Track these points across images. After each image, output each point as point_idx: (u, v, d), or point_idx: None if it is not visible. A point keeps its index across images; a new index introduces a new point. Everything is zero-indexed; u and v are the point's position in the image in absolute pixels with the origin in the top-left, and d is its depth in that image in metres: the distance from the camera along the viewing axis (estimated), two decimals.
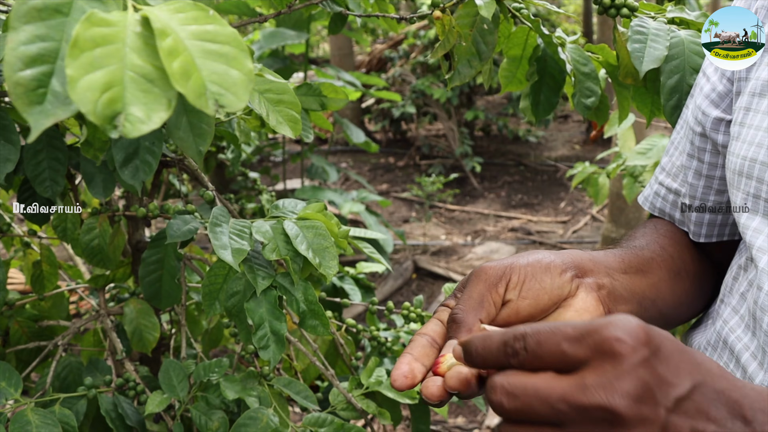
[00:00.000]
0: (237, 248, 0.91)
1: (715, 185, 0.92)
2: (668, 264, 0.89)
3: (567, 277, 0.76)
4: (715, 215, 0.93)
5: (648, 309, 0.84)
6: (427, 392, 0.64)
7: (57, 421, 1.08)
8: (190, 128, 0.53)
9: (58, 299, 1.47)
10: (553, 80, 1.33)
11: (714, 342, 0.84)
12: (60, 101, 0.47)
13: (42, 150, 1.21)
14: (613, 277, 0.80)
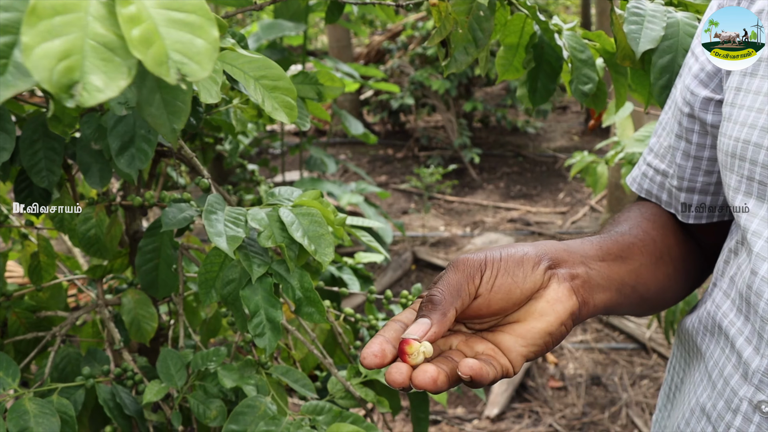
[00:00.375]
0: (232, 235, 0.91)
1: (703, 166, 0.91)
2: (650, 249, 0.90)
3: (540, 270, 0.76)
4: (704, 196, 0.93)
5: (628, 295, 0.85)
6: (391, 378, 0.66)
7: (55, 411, 1.08)
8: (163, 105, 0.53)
9: (56, 290, 1.46)
10: (550, 67, 1.33)
11: (710, 326, 0.84)
12: (22, 72, 0.46)
13: (38, 140, 1.21)
14: (589, 265, 0.80)
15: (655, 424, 1.01)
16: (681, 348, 0.94)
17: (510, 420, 3.43)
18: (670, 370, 0.98)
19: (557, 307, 0.75)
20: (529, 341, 0.73)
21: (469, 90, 7.67)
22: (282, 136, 4.61)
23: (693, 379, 0.87)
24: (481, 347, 0.73)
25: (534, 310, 0.75)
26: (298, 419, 1.07)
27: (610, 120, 2.05)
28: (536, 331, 0.74)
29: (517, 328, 0.74)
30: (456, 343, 0.74)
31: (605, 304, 0.81)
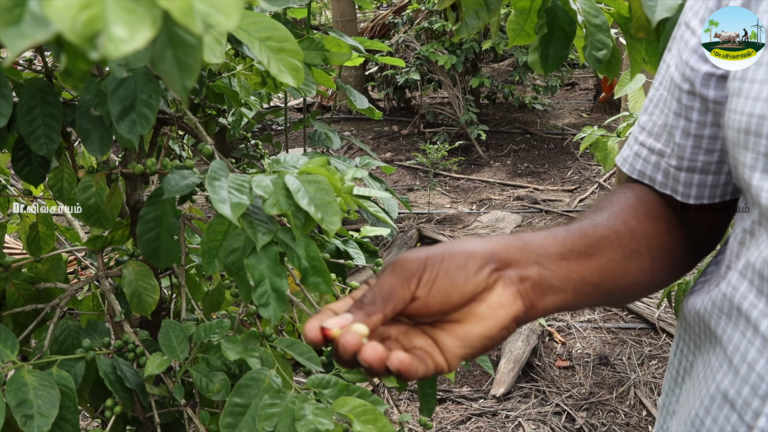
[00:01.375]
0: (236, 202, 0.87)
1: (704, 145, 0.87)
2: (625, 241, 0.86)
3: (484, 273, 0.74)
4: (705, 176, 0.89)
5: (588, 294, 0.81)
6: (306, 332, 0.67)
7: (54, 383, 1.05)
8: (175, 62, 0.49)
9: (55, 262, 1.43)
10: (563, 33, 1.29)
11: (727, 309, 0.79)
12: (38, 22, 0.43)
13: (36, 106, 1.17)
14: (544, 265, 0.77)
15: (663, 409, 0.97)
16: (689, 331, 0.90)
17: (516, 399, 3.41)
18: (677, 354, 0.94)
19: (498, 312, 0.73)
20: (466, 343, 0.71)
21: (476, 65, 7.60)
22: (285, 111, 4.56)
23: (708, 365, 0.82)
24: (419, 341, 0.72)
25: (475, 314, 0.73)
26: (304, 393, 1.04)
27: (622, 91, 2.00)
28: (474, 334, 0.72)
29: (456, 329, 0.72)
30: (396, 333, 0.73)
31: (557, 305, 0.78)
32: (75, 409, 1.10)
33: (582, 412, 3.32)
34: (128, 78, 1.04)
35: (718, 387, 0.78)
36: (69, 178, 1.27)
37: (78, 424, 1.11)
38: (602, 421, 3.24)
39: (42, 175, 1.27)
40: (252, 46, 0.89)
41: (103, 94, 1.12)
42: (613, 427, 3.21)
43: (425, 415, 1.40)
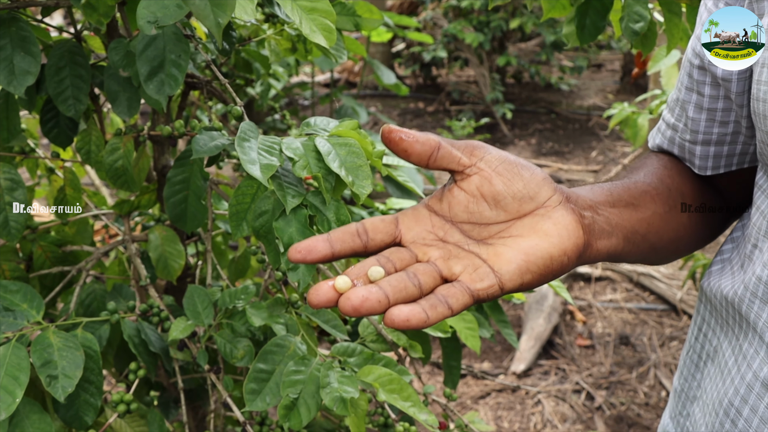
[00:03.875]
0: (266, 164, 0.86)
1: (717, 117, 0.86)
2: (664, 197, 0.84)
3: (550, 185, 0.70)
4: (721, 147, 0.88)
5: (637, 243, 0.79)
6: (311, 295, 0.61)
7: (79, 345, 1.05)
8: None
9: (82, 225, 1.43)
10: (600, 3, 1.26)
11: (761, 294, 0.76)
12: None
13: (64, 67, 1.17)
14: (597, 210, 0.74)
15: (681, 393, 0.94)
16: (715, 315, 0.87)
17: (536, 376, 3.40)
18: (699, 337, 0.91)
19: (563, 232, 0.68)
20: (529, 258, 0.66)
21: (503, 44, 7.53)
22: (312, 85, 4.55)
23: (740, 351, 0.79)
24: (459, 266, 0.65)
25: (540, 228, 0.67)
26: (329, 360, 1.03)
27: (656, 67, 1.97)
28: (539, 249, 0.66)
29: (520, 242, 0.66)
30: (437, 256, 0.66)
31: (608, 250, 0.74)
32: (99, 372, 1.09)
33: (601, 391, 3.31)
34: (157, 37, 1.02)
35: (756, 375, 0.75)
36: (97, 141, 1.26)
37: (102, 386, 1.11)
38: (621, 401, 3.23)
39: (70, 137, 1.27)
40: (284, 4, 0.87)
41: (131, 55, 1.11)
42: (632, 407, 3.19)
43: (449, 387, 1.39)
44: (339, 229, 0.65)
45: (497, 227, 0.68)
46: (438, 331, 1.23)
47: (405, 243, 0.67)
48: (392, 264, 0.65)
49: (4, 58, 1.05)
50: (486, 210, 0.68)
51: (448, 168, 0.68)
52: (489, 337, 1.40)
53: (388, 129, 0.66)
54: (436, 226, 0.68)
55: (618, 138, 6.85)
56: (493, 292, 0.64)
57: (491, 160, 0.68)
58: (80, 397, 1.08)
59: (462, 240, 0.68)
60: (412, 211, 0.69)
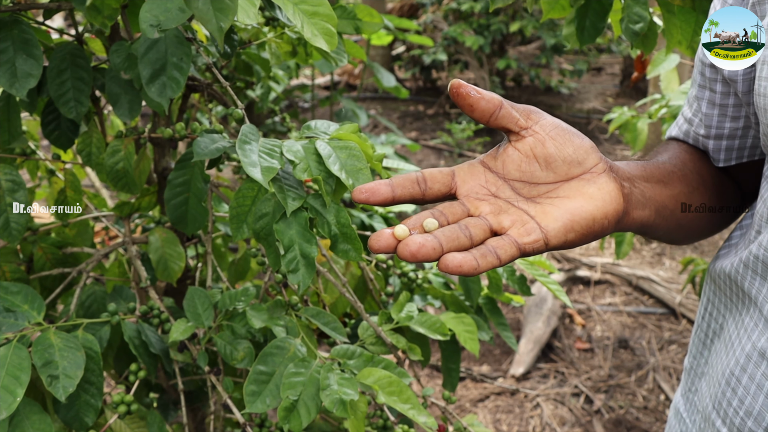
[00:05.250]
0: (267, 166, 0.87)
1: (729, 113, 0.91)
2: (688, 179, 0.89)
3: (596, 153, 0.74)
4: (732, 141, 0.93)
5: (667, 218, 0.83)
6: (372, 240, 0.65)
7: (80, 345, 1.05)
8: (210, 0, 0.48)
9: (82, 227, 1.44)
10: (600, 4, 1.27)
11: (761, 270, 0.81)
12: None
13: (66, 69, 1.17)
14: (633, 182, 0.78)
15: (690, 371, 0.99)
16: (719, 294, 0.92)
17: (535, 380, 3.40)
18: (705, 317, 0.96)
19: (606, 197, 0.72)
20: (575, 217, 0.70)
21: (503, 48, 7.54)
22: (312, 87, 4.55)
23: (742, 325, 0.84)
24: (508, 220, 0.70)
25: (585, 192, 0.71)
26: (328, 363, 1.04)
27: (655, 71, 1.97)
28: (583, 210, 0.70)
29: (566, 203, 0.71)
30: (488, 210, 0.70)
31: (642, 220, 0.78)
32: (100, 373, 1.10)
33: (600, 394, 3.31)
34: (159, 41, 1.03)
35: (754, 345, 0.79)
36: (98, 143, 1.26)
37: (102, 387, 1.11)
38: (620, 404, 3.23)
39: (71, 139, 1.27)
40: (286, 8, 0.88)
41: (133, 58, 1.11)
42: (631, 410, 3.19)
43: (448, 390, 1.39)
44: (400, 176, 0.69)
45: (546, 187, 0.72)
46: (437, 334, 1.24)
47: (459, 195, 0.71)
48: (445, 217, 0.69)
49: (6, 60, 1.06)
50: (537, 170, 0.72)
51: (506, 127, 0.72)
52: (488, 340, 1.40)
53: (457, 83, 0.69)
54: (489, 182, 0.72)
55: (618, 141, 6.85)
56: (539, 246, 0.68)
57: (546, 124, 0.72)
58: (81, 398, 1.09)
59: (512, 196, 0.72)
60: (468, 165, 0.73)
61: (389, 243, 0.64)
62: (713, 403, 0.86)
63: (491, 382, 3.34)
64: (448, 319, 1.29)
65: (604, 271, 4.29)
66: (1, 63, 1.05)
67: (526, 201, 0.71)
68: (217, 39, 0.46)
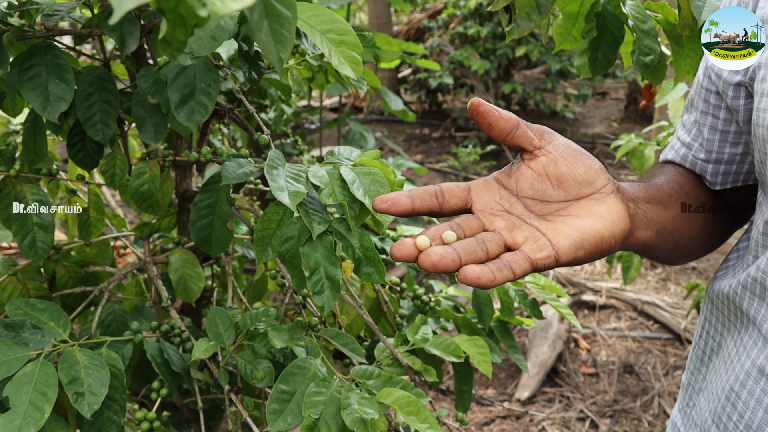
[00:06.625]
0: (294, 191, 0.89)
1: (729, 138, 0.94)
2: (684, 200, 0.92)
3: (605, 174, 0.77)
4: (730, 165, 0.97)
5: (666, 239, 0.86)
6: (394, 249, 0.68)
7: (104, 363, 1.07)
8: (271, 33, 0.51)
9: (103, 246, 1.46)
10: (612, 37, 1.30)
11: (759, 291, 0.84)
12: None
13: (94, 93, 1.20)
14: (638, 204, 0.81)
15: (688, 387, 1.02)
16: (716, 313, 0.96)
17: (540, 404, 3.41)
18: (702, 336, 1.00)
19: (614, 217, 0.75)
20: (584, 235, 0.73)
21: (509, 72, 7.59)
22: (320, 109, 4.59)
23: (741, 343, 0.87)
24: (522, 236, 0.73)
25: (594, 211, 0.75)
26: (348, 383, 1.06)
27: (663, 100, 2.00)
28: (592, 229, 0.73)
29: (576, 221, 0.74)
30: (502, 226, 0.74)
31: (644, 240, 0.82)
32: (123, 390, 1.12)
33: (605, 419, 3.31)
34: (188, 67, 1.06)
35: (753, 363, 0.83)
36: (121, 165, 1.29)
37: (125, 404, 1.13)
38: (625, 429, 3.24)
39: (95, 160, 1.30)
40: (314, 36, 0.91)
41: (160, 83, 1.14)
42: None
43: (461, 411, 1.41)
44: (420, 188, 0.72)
45: (557, 205, 0.75)
46: (452, 356, 1.26)
47: (474, 210, 0.75)
48: (463, 230, 0.72)
49: (39, 84, 1.09)
50: (549, 189, 0.75)
51: (521, 146, 0.75)
52: (500, 362, 1.42)
53: (478, 102, 0.73)
54: (503, 198, 0.75)
55: (623, 166, 6.88)
56: (550, 262, 0.71)
57: (558, 145, 0.75)
58: (104, 415, 1.11)
59: (525, 213, 0.75)
60: (483, 181, 0.76)
61: (411, 252, 0.67)
62: (713, 417, 0.89)
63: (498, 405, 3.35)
64: (462, 341, 1.31)
65: (609, 296, 4.30)
66: (34, 87, 1.08)
67: (538, 218, 0.75)
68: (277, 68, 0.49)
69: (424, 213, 0.72)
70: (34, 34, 1.12)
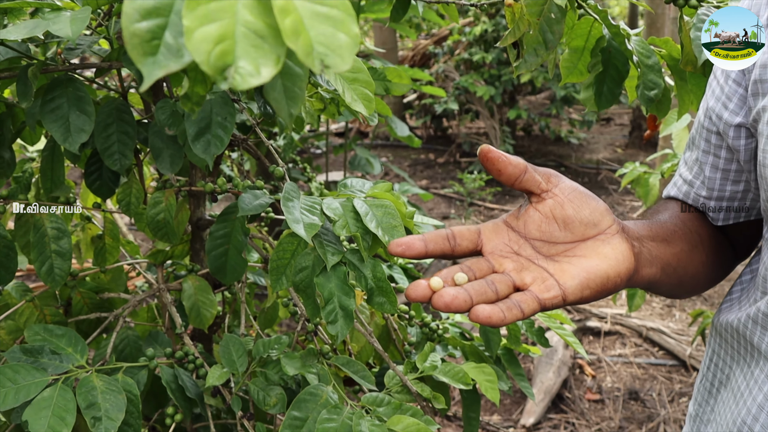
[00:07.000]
0: (309, 223, 0.92)
1: (731, 177, 0.97)
2: (687, 237, 0.94)
3: (610, 215, 0.79)
4: (732, 202, 0.99)
5: (670, 275, 0.88)
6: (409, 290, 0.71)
7: (121, 388, 1.10)
8: (283, 91, 0.54)
9: (117, 273, 1.49)
10: (617, 72, 1.33)
11: (761, 320, 0.86)
12: (172, 53, 0.47)
13: (112, 123, 1.23)
14: (642, 242, 0.84)
15: (696, 418, 1.03)
16: (725, 346, 0.97)
17: (546, 430, 3.42)
18: (711, 367, 1.01)
19: (619, 257, 0.77)
20: (590, 276, 0.75)
21: (514, 98, 7.65)
22: (327, 135, 4.63)
23: (752, 377, 0.89)
24: (530, 277, 0.75)
25: (600, 252, 0.77)
26: (359, 410, 1.08)
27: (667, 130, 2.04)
28: (598, 269, 0.76)
29: (582, 262, 0.76)
30: (511, 267, 0.76)
31: (649, 278, 0.84)
32: (138, 415, 1.14)
33: None
34: (205, 101, 1.09)
35: (766, 396, 0.84)
36: (137, 194, 1.32)
37: (140, 429, 1.15)
38: None
39: (112, 189, 1.33)
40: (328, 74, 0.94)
41: (177, 115, 1.18)
42: None
43: None
44: (432, 232, 0.76)
45: (564, 246, 0.78)
46: (460, 383, 1.28)
47: (484, 252, 0.78)
48: (473, 272, 0.75)
49: (61, 116, 1.12)
50: (556, 230, 0.78)
51: (529, 190, 0.78)
52: (507, 389, 1.44)
53: (487, 149, 0.76)
54: (512, 240, 0.78)
55: (627, 192, 6.91)
56: (557, 302, 0.74)
57: (564, 188, 0.78)
58: None
59: (533, 254, 0.78)
60: (492, 224, 0.80)
61: (425, 293, 0.70)
62: None
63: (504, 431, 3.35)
64: (470, 368, 1.33)
65: (614, 322, 4.31)
66: (56, 118, 1.12)
67: (545, 259, 0.77)
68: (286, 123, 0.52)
69: (437, 256, 0.75)
70: (57, 68, 1.15)
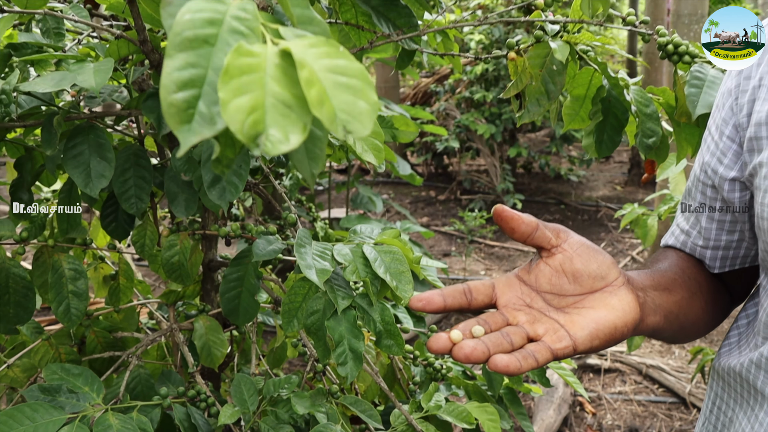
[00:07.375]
0: (321, 268, 0.96)
1: (726, 227, 1.01)
2: (687, 284, 0.98)
3: (616, 268, 0.84)
4: (728, 251, 1.03)
5: (672, 323, 0.92)
6: (431, 342, 0.75)
7: (136, 427, 1.13)
8: (305, 152, 0.58)
9: (129, 312, 1.53)
10: (617, 120, 1.38)
11: (764, 365, 0.89)
12: (205, 121, 0.52)
13: (129, 168, 1.28)
14: (646, 292, 0.88)
15: None
16: (728, 390, 1.00)
17: None
18: (713, 410, 1.04)
19: (626, 308, 0.82)
20: (599, 326, 0.79)
21: (514, 136, 7.71)
22: (330, 173, 4.69)
23: (756, 419, 0.92)
24: (542, 329, 0.79)
25: (607, 303, 0.81)
26: None
27: (664, 174, 2.09)
28: (606, 320, 0.80)
29: (591, 313, 0.80)
30: (524, 320, 0.81)
31: (654, 326, 0.88)
32: None
33: None
34: None
35: None
36: (151, 236, 1.36)
37: None
38: None
39: (127, 231, 1.38)
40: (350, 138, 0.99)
41: (192, 161, 1.22)
42: None
43: None
44: (450, 288, 0.81)
45: (573, 299, 0.83)
46: (463, 423, 1.31)
47: (499, 306, 0.82)
48: (489, 325, 0.79)
49: (82, 162, 1.17)
50: (566, 283, 0.83)
51: (540, 245, 0.83)
52: (509, 428, 1.47)
53: (501, 209, 0.81)
54: (524, 293, 0.83)
55: (627, 230, 6.95)
56: (569, 352, 0.79)
57: (573, 243, 0.83)
58: None
59: (544, 307, 0.82)
60: (505, 278, 0.85)
61: (446, 345, 0.75)
62: None
63: None
64: (473, 408, 1.36)
65: (614, 360, 4.33)
66: (77, 164, 1.16)
67: (556, 311, 0.82)
68: (309, 182, 0.56)
69: (455, 310, 0.80)
70: (79, 116, 1.20)
